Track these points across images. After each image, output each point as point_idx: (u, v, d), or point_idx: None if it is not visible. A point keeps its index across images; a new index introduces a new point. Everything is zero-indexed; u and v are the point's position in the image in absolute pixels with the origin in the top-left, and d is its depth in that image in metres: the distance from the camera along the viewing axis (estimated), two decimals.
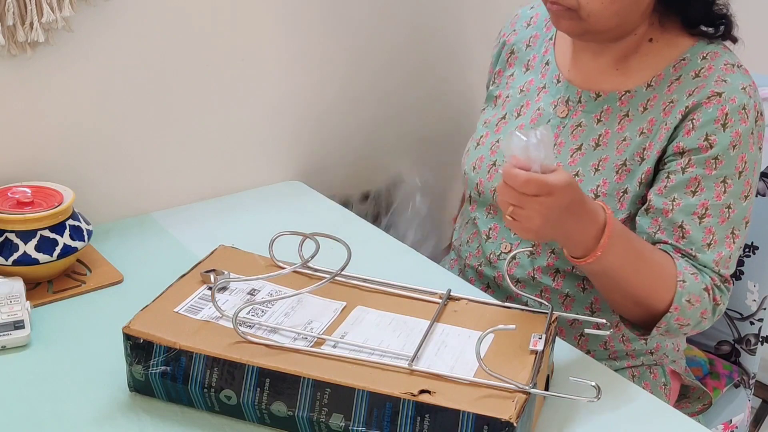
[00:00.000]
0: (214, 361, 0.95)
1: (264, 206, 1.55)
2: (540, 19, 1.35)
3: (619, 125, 1.21)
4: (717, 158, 1.14)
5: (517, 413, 0.87)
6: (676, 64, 1.20)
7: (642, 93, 1.21)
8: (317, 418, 0.92)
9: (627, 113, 1.21)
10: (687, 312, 1.12)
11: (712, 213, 1.15)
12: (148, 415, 0.98)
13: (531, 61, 1.33)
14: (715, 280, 1.15)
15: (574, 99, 1.25)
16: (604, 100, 1.23)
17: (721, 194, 1.15)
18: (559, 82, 1.27)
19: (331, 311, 1.04)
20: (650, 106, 1.20)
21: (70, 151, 1.38)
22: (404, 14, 1.71)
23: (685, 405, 1.39)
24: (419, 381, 0.92)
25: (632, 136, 1.20)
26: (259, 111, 1.58)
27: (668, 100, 1.19)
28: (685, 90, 1.17)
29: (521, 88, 1.32)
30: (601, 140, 1.22)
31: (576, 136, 1.24)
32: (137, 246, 1.37)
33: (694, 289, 1.12)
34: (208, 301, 1.03)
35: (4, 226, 1.19)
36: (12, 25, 1.24)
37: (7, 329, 1.09)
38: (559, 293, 1.25)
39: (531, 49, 1.34)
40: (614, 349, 1.28)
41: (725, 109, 1.14)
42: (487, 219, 1.31)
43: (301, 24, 1.58)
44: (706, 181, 1.15)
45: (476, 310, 1.06)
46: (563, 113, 1.26)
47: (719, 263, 1.15)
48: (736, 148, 1.14)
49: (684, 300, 1.11)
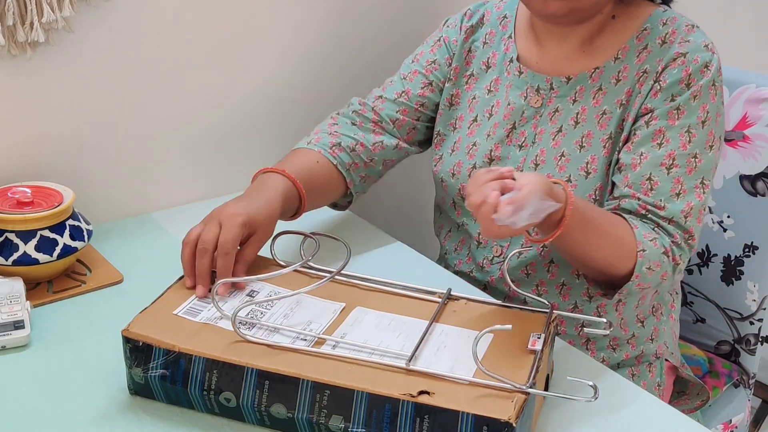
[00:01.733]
0: (213, 364, 0.95)
1: None
2: (493, 18, 1.35)
3: (594, 99, 1.23)
4: (679, 108, 1.18)
5: (516, 413, 0.87)
6: (638, 35, 1.23)
7: (611, 66, 1.23)
8: (317, 420, 0.92)
9: (600, 87, 1.23)
10: (647, 278, 1.14)
11: (679, 163, 1.17)
12: (148, 416, 0.98)
13: (491, 59, 1.33)
14: (676, 238, 1.16)
15: (545, 86, 1.26)
16: (575, 82, 1.25)
17: (686, 143, 1.17)
18: (521, 74, 1.28)
19: (331, 312, 1.04)
20: (623, 77, 1.22)
21: (70, 151, 1.39)
22: (405, 11, 1.71)
23: (684, 401, 1.39)
24: (418, 382, 0.92)
25: (612, 109, 1.22)
26: (259, 111, 1.58)
27: (641, 70, 1.21)
28: (656, 58, 1.20)
29: (488, 88, 1.32)
30: (579, 117, 1.24)
31: (555, 121, 1.25)
32: (137, 246, 1.37)
33: (653, 256, 1.13)
34: (207, 304, 1.03)
35: (4, 226, 1.19)
36: (12, 25, 1.24)
37: (7, 329, 1.10)
38: (555, 284, 1.26)
39: (489, 46, 1.34)
40: (613, 336, 1.28)
41: (689, 69, 1.18)
42: (476, 223, 1.31)
43: (301, 24, 1.58)
44: (670, 131, 1.18)
45: (476, 310, 1.06)
46: (537, 102, 1.27)
47: (688, 214, 1.17)
48: (696, 98, 1.18)
49: (644, 268, 1.13)
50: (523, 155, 1.27)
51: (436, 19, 1.41)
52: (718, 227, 1.49)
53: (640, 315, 1.29)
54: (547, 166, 1.24)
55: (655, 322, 1.32)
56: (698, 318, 1.55)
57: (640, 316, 1.29)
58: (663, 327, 1.33)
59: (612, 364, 1.29)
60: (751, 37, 1.62)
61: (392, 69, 1.64)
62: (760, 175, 1.44)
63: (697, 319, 1.55)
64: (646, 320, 1.30)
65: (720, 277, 1.50)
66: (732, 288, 1.49)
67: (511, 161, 1.27)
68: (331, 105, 1.67)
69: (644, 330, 1.30)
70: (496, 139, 1.29)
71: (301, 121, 1.65)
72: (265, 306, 1.04)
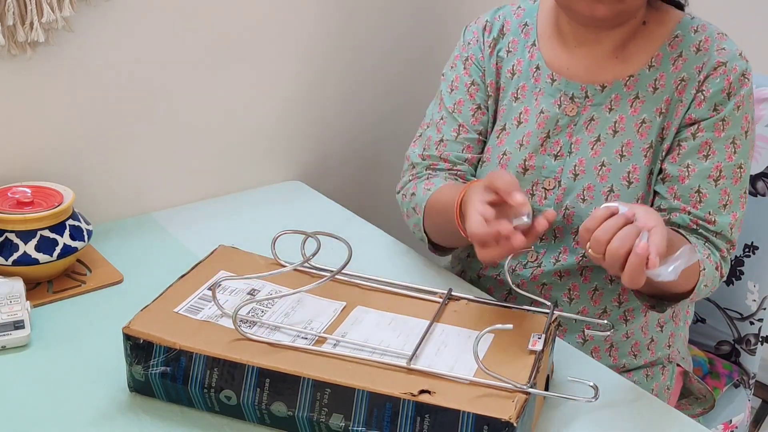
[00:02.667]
0: (214, 362, 0.95)
1: (264, 206, 1.55)
2: (513, 26, 1.33)
3: (632, 108, 1.22)
4: (724, 120, 1.19)
5: (517, 413, 0.87)
6: (670, 42, 1.22)
7: (646, 74, 1.22)
8: (317, 419, 0.92)
9: (637, 95, 1.22)
10: (701, 293, 1.17)
11: (726, 174, 1.19)
12: (148, 415, 0.98)
13: (516, 66, 1.31)
14: (723, 252, 1.19)
15: (579, 95, 1.25)
16: (610, 90, 1.23)
17: (732, 155, 1.19)
18: (554, 81, 1.26)
19: (332, 311, 1.04)
20: (660, 86, 1.22)
21: (70, 151, 1.39)
22: (404, 11, 1.71)
23: (686, 407, 1.39)
24: (419, 381, 0.92)
25: (651, 117, 1.22)
26: (259, 111, 1.59)
27: (678, 78, 1.21)
28: (694, 66, 1.21)
29: (514, 95, 1.30)
30: (618, 126, 1.23)
31: (591, 130, 1.24)
32: (137, 246, 1.37)
33: (710, 274, 1.16)
34: (208, 302, 1.03)
35: (4, 226, 1.19)
36: (12, 25, 1.24)
37: (7, 329, 1.09)
38: (587, 288, 1.26)
39: (513, 54, 1.31)
40: (635, 340, 1.28)
41: (730, 78, 1.19)
42: None
43: (301, 23, 1.58)
44: (717, 143, 1.19)
45: (476, 310, 1.06)
46: (572, 111, 1.25)
47: (733, 225, 1.19)
48: (740, 108, 1.19)
49: (702, 286, 1.15)
50: (559, 165, 1.24)
51: (455, 17, 1.40)
52: None
53: (660, 320, 1.29)
54: (588, 176, 1.22)
55: (673, 327, 1.32)
56: (698, 318, 1.55)
57: (661, 321, 1.29)
58: (680, 333, 1.34)
59: (630, 368, 1.29)
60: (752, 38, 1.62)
61: (393, 69, 1.64)
62: (760, 175, 1.44)
63: (697, 319, 1.55)
64: (665, 325, 1.30)
65: None
66: (732, 288, 1.49)
67: (547, 171, 1.25)
68: (332, 105, 1.68)
69: (662, 335, 1.30)
70: (530, 148, 1.26)
71: (301, 121, 1.65)
72: (266, 304, 1.04)
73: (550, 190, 1.24)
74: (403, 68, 1.75)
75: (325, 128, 1.69)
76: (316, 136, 1.69)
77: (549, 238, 1.26)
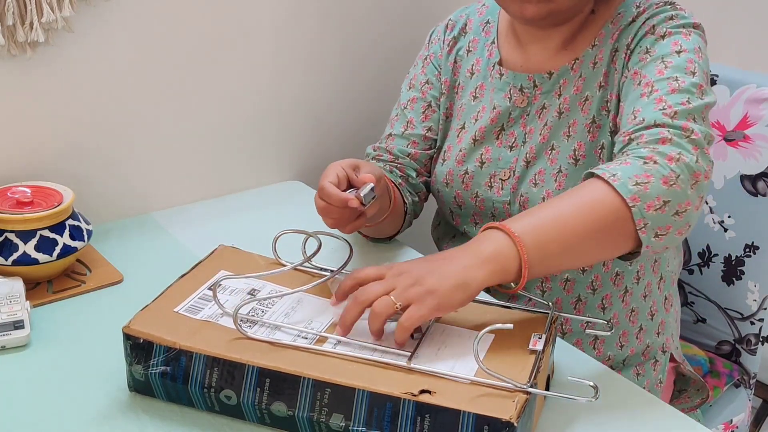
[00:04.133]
0: (214, 361, 0.95)
1: (264, 206, 1.55)
2: (475, 24, 1.35)
3: (575, 87, 1.23)
4: (648, 51, 1.15)
5: (517, 413, 0.87)
6: (612, 20, 1.23)
7: (589, 53, 1.23)
8: (317, 418, 0.92)
9: (580, 74, 1.23)
10: (645, 194, 0.96)
11: (659, 87, 1.08)
12: (148, 415, 0.98)
13: (475, 66, 1.33)
14: (663, 135, 1.00)
15: (528, 85, 1.26)
16: (558, 75, 1.24)
17: (663, 70, 1.10)
18: (503, 75, 1.28)
19: (332, 310, 1.04)
20: (599, 60, 1.22)
21: (70, 151, 1.39)
22: (403, 10, 1.71)
23: (684, 400, 1.39)
24: (419, 381, 0.91)
25: (592, 93, 1.22)
26: (259, 111, 1.59)
27: (613, 49, 1.21)
28: (627, 35, 1.19)
29: (473, 94, 1.32)
30: (562, 107, 1.24)
31: (543, 118, 1.25)
32: (137, 246, 1.37)
33: (628, 172, 0.97)
34: (208, 301, 1.03)
35: (4, 226, 1.19)
36: (12, 25, 1.24)
37: (6, 329, 1.09)
38: (559, 279, 1.26)
39: (472, 54, 1.34)
40: (622, 329, 1.28)
41: (652, 21, 1.17)
42: (476, 229, 1.31)
43: (300, 23, 1.58)
44: (645, 69, 1.13)
45: (477, 310, 1.06)
46: (522, 102, 1.27)
47: (674, 115, 1.03)
48: (665, 37, 1.14)
49: (630, 186, 0.97)
50: (514, 155, 1.26)
51: (439, 23, 1.41)
52: (719, 227, 1.49)
53: (653, 307, 1.29)
54: (539, 161, 1.24)
55: (664, 314, 1.32)
56: (699, 318, 1.55)
57: (653, 309, 1.29)
58: (670, 319, 1.34)
59: (617, 361, 1.28)
60: (751, 37, 1.62)
61: (393, 69, 1.64)
62: (760, 175, 1.44)
63: (697, 319, 1.55)
64: (656, 313, 1.30)
65: (721, 277, 1.50)
66: (733, 288, 1.49)
67: (503, 162, 1.27)
68: (332, 105, 1.68)
69: (652, 323, 1.30)
70: (485, 143, 1.29)
71: (301, 121, 1.65)
72: (267, 304, 1.04)
73: (505, 180, 1.26)
74: (403, 68, 1.74)
75: (324, 128, 1.69)
76: (316, 136, 1.69)
77: None
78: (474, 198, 1.30)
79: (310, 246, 1.08)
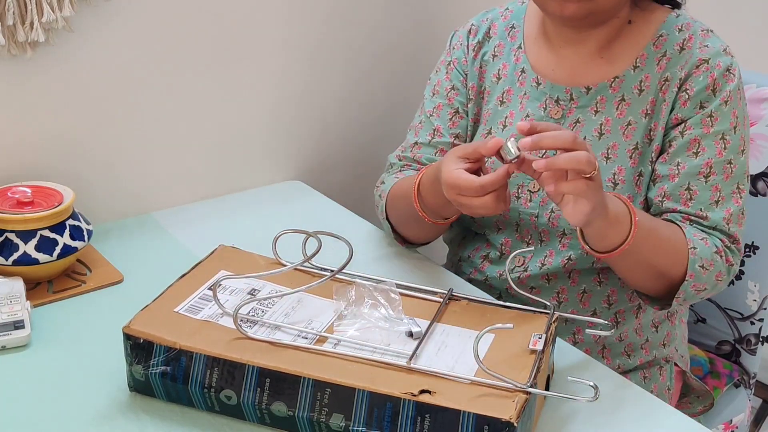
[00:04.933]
0: (214, 361, 0.95)
1: (264, 206, 1.55)
2: (500, 29, 1.33)
3: (618, 111, 1.22)
4: (711, 115, 1.18)
5: (517, 413, 0.87)
6: (655, 42, 1.22)
7: (631, 75, 1.22)
8: (317, 418, 0.92)
9: (623, 98, 1.22)
10: (702, 277, 1.15)
11: (717, 170, 1.18)
12: (148, 415, 0.98)
13: (501, 71, 1.31)
14: (725, 242, 1.18)
15: (564, 98, 1.25)
16: (595, 92, 1.23)
17: (722, 151, 1.18)
18: (540, 84, 1.27)
19: (332, 310, 1.04)
20: (645, 87, 1.21)
21: (70, 151, 1.38)
22: (405, 11, 1.71)
23: (686, 406, 1.39)
24: (419, 381, 0.91)
25: (636, 119, 1.21)
26: (259, 111, 1.59)
27: (662, 78, 1.21)
28: (677, 65, 1.20)
29: (500, 99, 1.30)
30: (603, 129, 1.22)
31: (577, 132, 1.23)
32: (137, 246, 1.37)
33: (705, 254, 1.14)
34: (208, 301, 1.03)
35: (4, 226, 1.19)
36: (12, 24, 1.24)
37: (7, 329, 1.09)
38: (576, 291, 1.25)
39: (498, 59, 1.32)
40: (628, 341, 1.28)
41: (714, 75, 1.18)
42: (499, 235, 1.30)
43: (301, 23, 1.58)
44: (706, 140, 1.18)
45: (477, 310, 1.06)
46: (557, 114, 1.25)
47: (729, 220, 1.18)
48: (727, 104, 1.18)
49: (698, 266, 1.14)
50: None
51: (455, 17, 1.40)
52: None
53: (655, 320, 1.29)
54: None
55: (669, 327, 1.31)
56: (699, 318, 1.55)
57: (655, 321, 1.29)
58: (676, 331, 1.33)
59: (625, 370, 1.28)
60: (752, 37, 1.63)
61: (394, 69, 1.64)
62: (760, 175, 1.44)
63: (697, 319, 1.55)
64: (660, 325, 1.30)
65: None
66: (732, 288, 1.49)
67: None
68: (332, 105, 1.68)
69: (658, 335, 1.30)
70: None
71: (301, 121, 1.65)
72: (267, 304, 1.04)
73: (535, 192, 1.25)
74: (403, 67, 1.74)
75: (325, 128, 1.69)
76: (316, 136, 1.68)
77: (535, 241, 1.26)
78: None
79: (310, 246, 1.08)
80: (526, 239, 1.27)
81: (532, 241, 1.26)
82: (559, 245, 1.24)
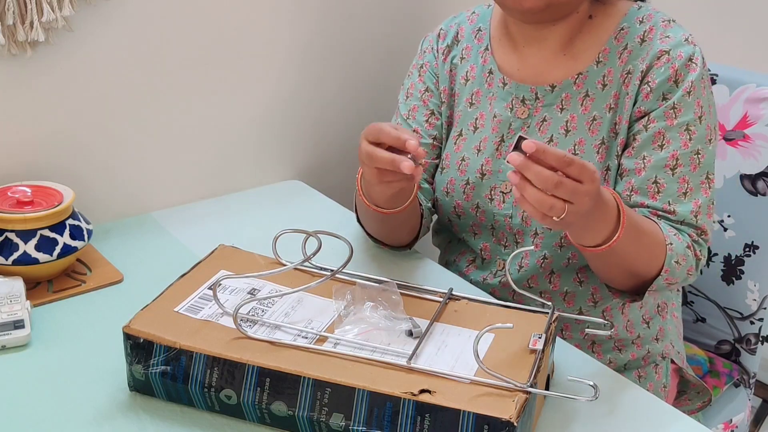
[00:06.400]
0: (214, 361, 0.95)
1: (264, 206, 1.55)
2: (467, 32, 1.34)
3: (583, 107, 1.22)
4: (675, 107, 1.17)
5: (517, 413, 0.87)
6: (616, 36, 1.22)
7: (594, 71, 1.22)
8: (317, 418, 0.92)
9: (587, 93, 1.22)
10: (676, 272, 1.15)
11: (683, 162, 1.17)
12: (148, 415, 0.98)
13: (469, 72, 1.32)
14: (693, 236, 1.17)
15: (530, 97, 1.25)
16: (560, 89, 1.24)
17: (687, 142, 1.17)
18: (506, 85, 1.27)
19: (332, 310, 1.04)
20: (608, 81, 1.21)
21: (70, 151, 1.39)
22: (404, 10, 1.71)
23: (685, 402, 1.39)
24: (419, 380, 0.91)
25: (601, 114, 1.21)
26: (259, 110, 1.59)
27: (624, 71, 1.21)
28: (638, 57, 1.20)
29: (469, 100, 1.31)
30: (569, 126, 1.23)
31: (544, 131, 1.24)
32: (137, 246, 1.37)
33: (679, 249, 1.14)
34: (208, 301, 1.03)
35: (4, 225, 1.19)
36: (12, 24, 1.24)
37: (7, 329, 1.09)
38: (558, 293, 1.26)
39: (466, 61, 1.33)
40: (619, 337, 1.28)
41: (675, 66, 1.18)
42: (476, 239, 1.31)
43: (300, 23, 1.58)
44: (670, 132, 1.17)
45: (477, 310, 1.06)
46: (524, 114, 1.26)
47: (698, 212, 1.17)
48: (690, 94, 1.17)
49: (673, 262, 1.13)
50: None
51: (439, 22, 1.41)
52: (719, 226, 1.49)
53: (645, 315, 1.29)
54: None
55: (661, 322, 1.31)
56: (699, 317, 1.55)
57: (646, 317, 1.29)
58: (668, 326, 1.33)
59: (618, 366, 1.28)
60: (751, 37, 1.62)
61: (393, 69, 1.64)
62: (760, 175, 1.44)
63: (697, 318, 1.55)
64: (651, 320, 1.30)
65: (720, 276, 1.50)
66: (732, 287, 1.49)
67: (503, 174, 1.26)
68: (331, 105, 1.68)
69: (650, 330, 1.30)
70: (486, 153, 1.27)
71: (301, 120, 1.65)
72: (267, 304, 1.04)
73: (507, 194, 1.25)
74: (403, 67, 1.74)
75: (324, 128, 1.69)
76: (316, 136, 1.69)
77: (511, 244, 1.27)
78: (474, 209, 1.29)
79: (310, 246, 1.08)
80: (503, 242, 1.28)
81: (509, 245, 1.27)
82: (532, 245, 1.24)
